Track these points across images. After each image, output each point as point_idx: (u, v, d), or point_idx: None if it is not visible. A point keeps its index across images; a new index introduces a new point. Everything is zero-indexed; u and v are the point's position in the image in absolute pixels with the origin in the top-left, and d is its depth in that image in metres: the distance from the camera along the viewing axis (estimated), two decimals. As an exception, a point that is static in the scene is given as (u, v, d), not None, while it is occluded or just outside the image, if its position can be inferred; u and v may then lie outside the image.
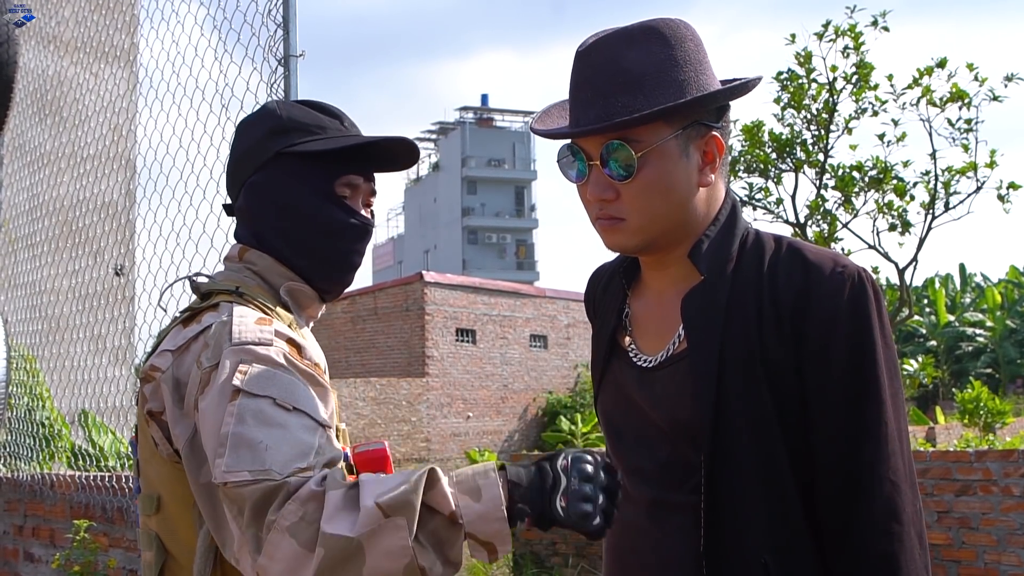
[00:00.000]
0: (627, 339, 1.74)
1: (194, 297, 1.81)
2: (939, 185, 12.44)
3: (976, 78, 12.11)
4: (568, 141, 1.64)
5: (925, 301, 42.21)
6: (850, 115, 12.88)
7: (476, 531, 1.42)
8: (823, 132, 12.97)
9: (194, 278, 1.83)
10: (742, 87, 1.63)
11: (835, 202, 13.08)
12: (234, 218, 1.91)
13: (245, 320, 1.64)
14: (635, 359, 1.70)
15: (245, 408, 1.51)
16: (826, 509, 1.54)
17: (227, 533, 1.53)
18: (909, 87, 12.40)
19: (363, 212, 1.84)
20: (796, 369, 1.55)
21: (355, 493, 1.41)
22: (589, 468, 1.44)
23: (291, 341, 1.66)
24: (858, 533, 1.51)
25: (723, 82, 1.66)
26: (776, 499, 1.53)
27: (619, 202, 1.59)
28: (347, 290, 2.00)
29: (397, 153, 1.88)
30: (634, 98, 1.54)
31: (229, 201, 1.91)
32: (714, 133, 1.60)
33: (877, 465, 1.52)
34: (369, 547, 1.37)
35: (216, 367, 1.58)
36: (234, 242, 1.90)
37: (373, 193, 1.87)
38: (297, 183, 1.78)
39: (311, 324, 1.93)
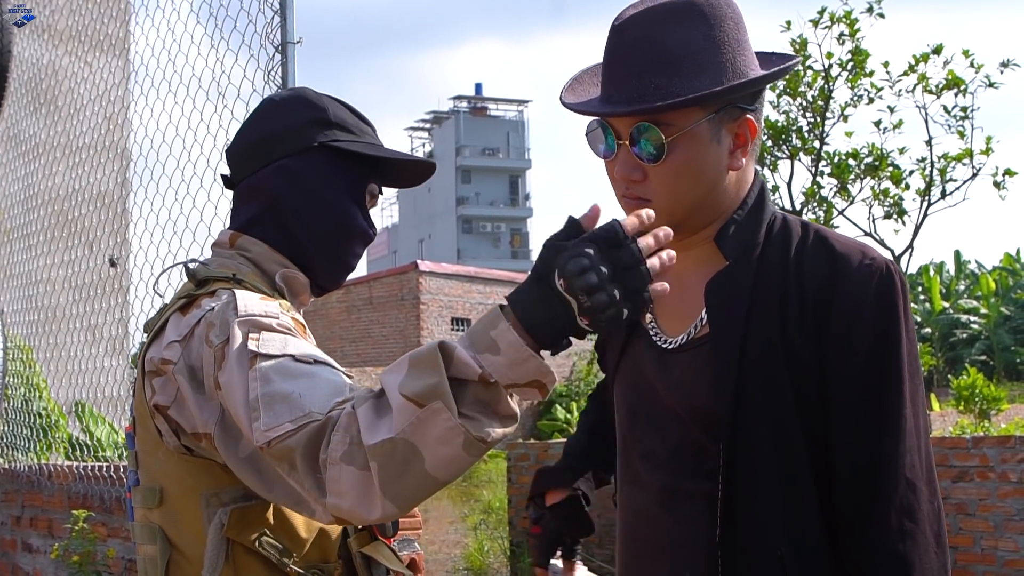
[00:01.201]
0: (648, 318, 1.71)
1: (184, 283, 1.80)
2: (935, 172, 12.44)
3: (972, 64, 12.11)
4: (603, 121, 1.60)
5: (920, 288, 42.22)
6: (846, 102, 12.86)
7: (513, 380, 1.34)
8: (819, 119, 12.94)
9: (189, 264, 1.80)
10: (781, 72, 1.60)
11: (831, 189, 13.07)
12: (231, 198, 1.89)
13: (249, 296, 1.62)
14: (656, 339, 1.68)
15: (267, 368, 1.48)
16: (841, 504, 1.52)
17: (280, 491, 1.49)
18: (905, 74, 12.39)
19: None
20: (818, 360, 1.52)
21: (384, 398, 1.36)
22: (591, 279, 1.26)
23: (295, 319, 1.65)
24: (871, 530, 1.49)
25: (758, 55, 1.62)
26: (794, 491, 1.51)
27: (647, 183, 1.57)
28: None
29: (415, 172, 1.91)
30: (670, 80, 1.51)
31: (229, 175, 1.88)
32: (748, 116, 1.57)
33: (894, 461, 1.49)
34: (419, 442, 1.32)
35: (227, 341, 1.55)
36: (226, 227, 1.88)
37: (375, 204, 1.91)
38: (331, 179, 1.79)
39: (302, 311, 1.90)
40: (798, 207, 13.19)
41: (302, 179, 1.78)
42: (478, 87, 67.54)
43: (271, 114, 1.84)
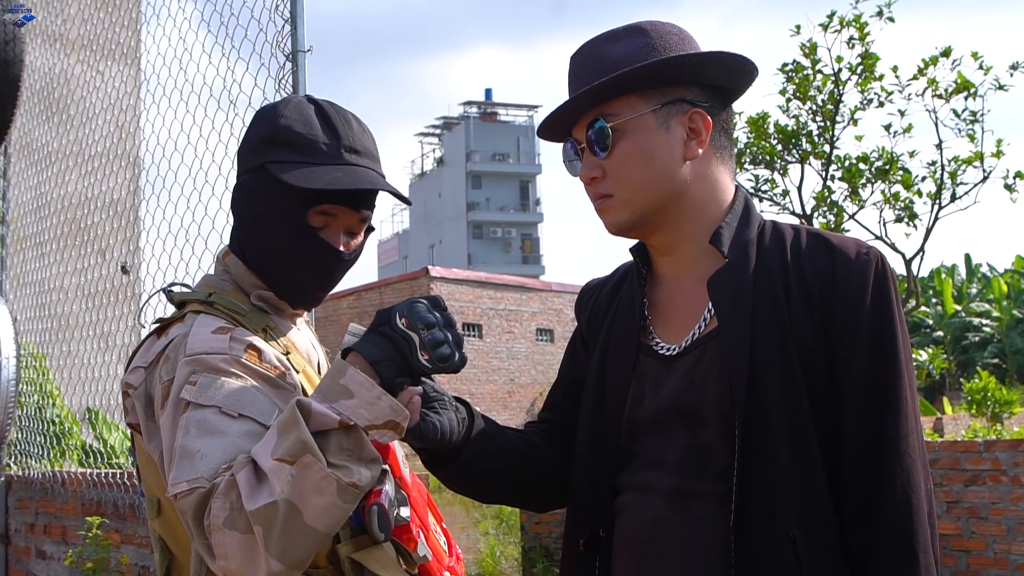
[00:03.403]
0: (649, 333, 1.75)
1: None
2: (945, 175, 12.41)
3: (981, 67, 12.08)
4: (570, 140, 1.73)
5: (931, 291, 42.13)
6: (856, 106, 12.85)
7: (370, 420, 1.46)
8: (829, 123, 12.93)
9: (170, 289, 1.84)
10: (699, 55, 1.66)
11: (841, 193, 13.06)
12: None
13: (202, 331, 1.66)
14: (658, 349, 1.71)
15: (191, 419, 1.55)
16: (849, 483, 1.57)
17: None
18: (914, 77, 12.36)
19: (339, 242, 1.76)
20: (825, 348, 1.59)
21: (256, 463, 1.44)
22: (430, 316, 1.50)
23: (251, 347, 1.66)
24: (879, 506, 1.55)
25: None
26: (806, 475, 1.56)
27: (606, 179, 1.67)
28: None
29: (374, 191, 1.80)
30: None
31: None
32: (698, 110, 1.65)
33: (898, 441, 1.56)
34: (297, 498, 1.40)
35: (172, 381, 1.61)
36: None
37: (363, 220, 1.79)
38: (270, 204, 1.73)
39: (302, 318, 1.93)
40: (808, 211, 13.18)
41: (249, 201, 1.78)
42: (488, 92, 67.44)
43: (250, 125, 1.83)
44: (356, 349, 1.51)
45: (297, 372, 1.74)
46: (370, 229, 1.84)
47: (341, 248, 1.76)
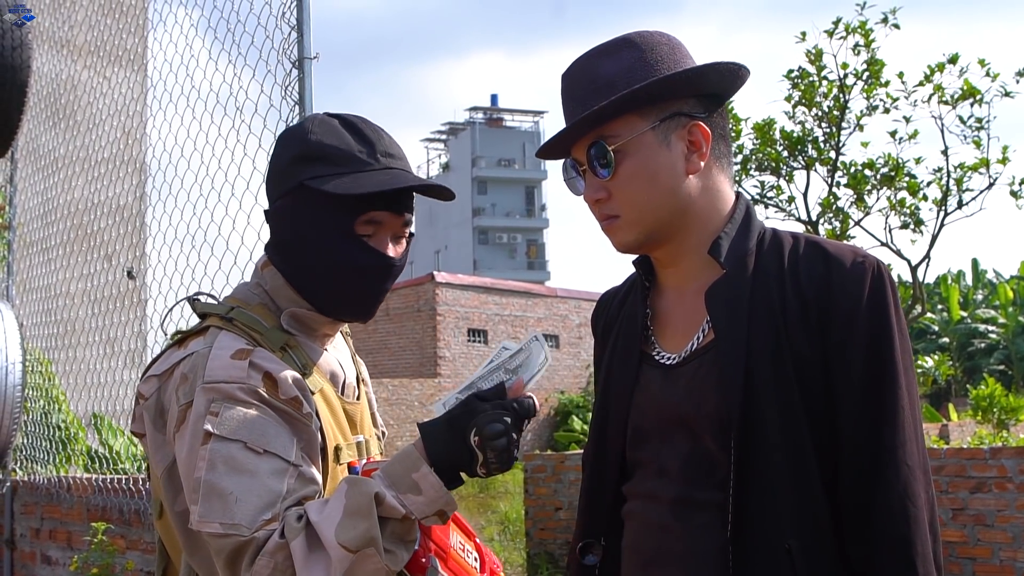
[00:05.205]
0: (651, 342, 1.76)
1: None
2: (951, 182, 12.40)
3: (988, 74, 12.07)
4: (570, 159, 1.72)
5: (937, 298, 42.04)
6: (861, 112, 12.84)
7: (427, 514, 1.57)
8: (834, 129, 12.91)
9: (195, 298, 1.84)
10: (693, 71, 1.65)
11: (847, 200, 13.04)
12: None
13: (221, 354, 1.65)
14: (659, 358, 1.72)
15: (216, 453, 1.56)
16: (846, 493, 1.57)
17: (200, 559, 1.66)
18: (920, 84, 12.36)
19: (388, 249, 1.76)
20: (821, 357, 1.58)
21: (312, 532, 1.51)
22: (502, 441, 1.57)
23: (268, 375, 1.66)
24: (876, 516, 1.54)
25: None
26: (802, 485, 1.56)
27: (611, 200, 1.67)
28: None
29: (430, 190, 1.82)
30: (606, 99, 1.61)
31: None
32: (697, 123, 1.65)
33: (895, 449, 1.55)
34: None
35: (190, 405, 1.62)
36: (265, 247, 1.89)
37: (406, 224, 1.80)
38: (316, 219, 1.72)
39: (331, 340, 1.90)
40: (814, 218, 13.17)
41: (291, 221, 1.76)
42: (494, 98, 67.45)
43: (276, 149, 1.82)
44: (427, 442, 1.61)
45: (313, 393, 1.73)
46: (411, 235, 1.84)
47: (391, 255, 1.77)
